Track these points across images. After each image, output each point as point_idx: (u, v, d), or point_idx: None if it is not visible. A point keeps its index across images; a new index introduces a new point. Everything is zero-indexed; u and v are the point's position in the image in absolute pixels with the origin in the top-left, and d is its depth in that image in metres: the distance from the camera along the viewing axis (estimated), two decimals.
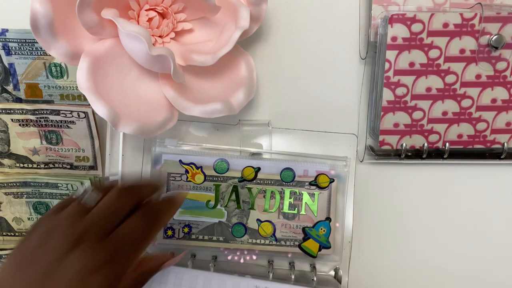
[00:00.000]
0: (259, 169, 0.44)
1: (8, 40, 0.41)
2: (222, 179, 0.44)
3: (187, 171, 0.44)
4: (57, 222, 0.31)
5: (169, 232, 0.45)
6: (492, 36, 0.40)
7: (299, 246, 0.44)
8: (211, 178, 0.44)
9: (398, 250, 0.46)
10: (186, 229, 0.45)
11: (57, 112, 0.42)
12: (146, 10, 0.38)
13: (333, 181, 0.43)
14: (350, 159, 0.44)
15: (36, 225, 0.32)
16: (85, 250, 0.29)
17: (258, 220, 0.44)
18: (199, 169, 0.44)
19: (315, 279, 0.43)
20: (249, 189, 0.44)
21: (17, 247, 0.31)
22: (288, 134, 0.44)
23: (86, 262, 0.29)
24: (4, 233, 0.46)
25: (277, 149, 0.44)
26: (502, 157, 0.43)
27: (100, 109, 0.36)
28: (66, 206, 0.33)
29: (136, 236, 0.32)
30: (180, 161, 0.44)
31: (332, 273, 0.45)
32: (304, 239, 0.44)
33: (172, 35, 0.40)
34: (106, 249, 0.30)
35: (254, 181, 0.44)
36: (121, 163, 0.44)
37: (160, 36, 0.40)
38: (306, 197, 0.44)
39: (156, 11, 0.39)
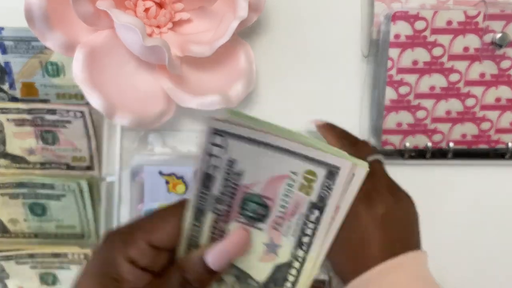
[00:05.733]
0: None
1: (4, 38, 0.40)
2: None
3: (167, 182, 0.41)
4: None
5: None
6: (496, 34, 0.40)
7: None
8: None
9: None
10: None
11: (53, 112, 0.41)
12: (143, 0, 0.38)
13: None
14: None
15: None
16: None
17: None
18: (180, 179, 0.41)
19: None
20: None
21: None
22: None
23: None
24: (0, 235, 0.45)
25: None
26: (506, 157, 0.43)
27: (95, 100, 0.35)
28: None
29: None
30: (160, 172, 0.40)
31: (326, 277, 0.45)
32: None
33: (170, 25, 0.39)
34: None
35: None
36: (118, 163, 0.44)
37: (158, 27, 0.39)
38: None
39: (153, 1, 0.38)
